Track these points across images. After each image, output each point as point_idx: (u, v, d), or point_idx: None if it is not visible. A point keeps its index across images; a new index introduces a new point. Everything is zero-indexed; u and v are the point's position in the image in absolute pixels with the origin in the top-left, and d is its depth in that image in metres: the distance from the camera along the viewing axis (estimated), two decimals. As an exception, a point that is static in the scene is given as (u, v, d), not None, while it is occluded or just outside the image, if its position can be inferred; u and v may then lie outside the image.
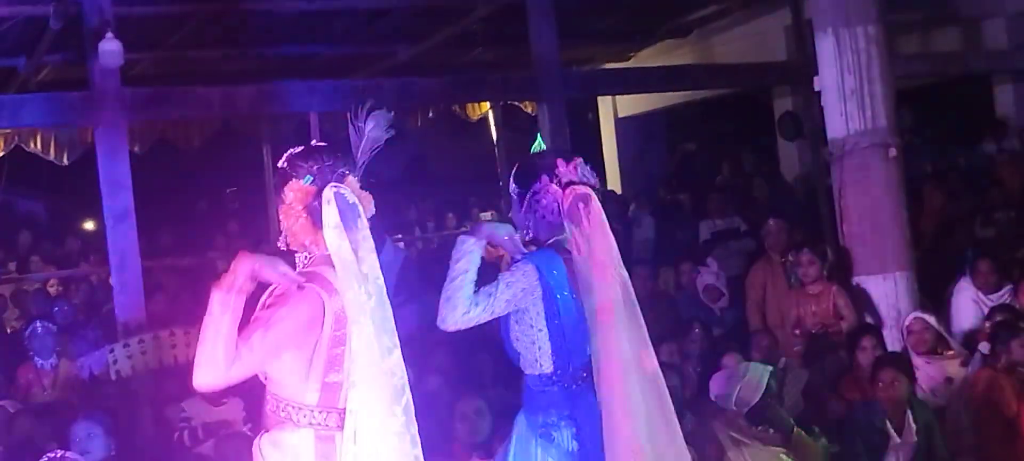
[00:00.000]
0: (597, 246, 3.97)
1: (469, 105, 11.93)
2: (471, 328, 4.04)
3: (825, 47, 7.60)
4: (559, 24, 10.28)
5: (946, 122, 13.08)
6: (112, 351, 7.92)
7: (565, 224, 4.04)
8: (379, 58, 11.49)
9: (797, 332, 7.73)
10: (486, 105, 11.80)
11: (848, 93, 7.49)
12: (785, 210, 9.70)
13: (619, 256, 4.03)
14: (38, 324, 8.21)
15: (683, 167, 15.57)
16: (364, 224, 3.43)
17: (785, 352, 7.47)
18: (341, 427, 3.39)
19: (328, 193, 3.40)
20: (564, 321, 4.01)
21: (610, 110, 14.49)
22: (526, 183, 4.17)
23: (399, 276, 8.18)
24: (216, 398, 6.91)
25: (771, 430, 5.72)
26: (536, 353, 4.06)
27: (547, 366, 4.05)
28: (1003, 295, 7.66)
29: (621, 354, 3.94)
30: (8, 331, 10.20)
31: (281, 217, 3.50)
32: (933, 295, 8.04)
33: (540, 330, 4.03)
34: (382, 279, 3.43)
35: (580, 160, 4.18)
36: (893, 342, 7.22)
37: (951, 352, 7.11)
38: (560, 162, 4.15)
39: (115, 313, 8.66)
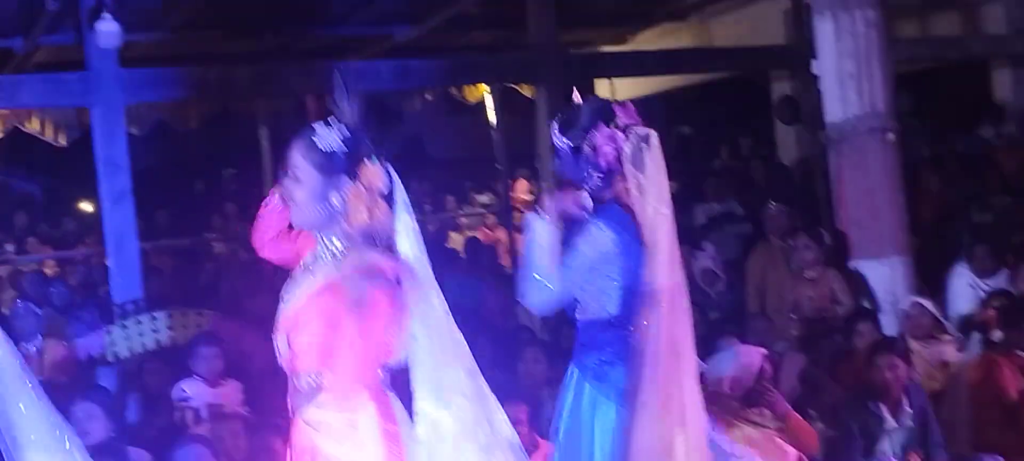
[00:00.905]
0: (654, 187, 3.95)
1: (467, 88, 11.90)
2: (468, 312, 4.04)
3: (823, 31, 7.60)
4: (557, 7, 10.27)
5: (944, 107, 13.07)
6: (110, 333, 7.93)
7: (625, 169, 3.98)
8: (377, 40, 11.46)
9: (794, 316, 7.74)
10: (484, 88, 11.77)
11: (846, 77, 7.49)
12: (782, 194, 9.70)
13: (669, 198, 4.01)
14: (19, 303, 8.15)
15: (680, 151, 15.56)
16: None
17: (782, 336, 7.48)
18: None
19: (387, 172, 3.40)
20: (636, 271, 3.98)
21: (608, 93, 14.46)
22: (581, 134, 4.05)
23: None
24: (214, 379, 6.91)
25: (766, 413, 5.72)
26: (603, 301, 4.02)
27: (613, 309, 4.01)
28: (1000, 280, 7.68)
29: (670, 288, 3.94)
30: (5, 313, 10.19)
31: (348, 205, 3.36)
32: (930, 280, 8.05)
33: (614, 280, 4.00)
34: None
35: (629, 103, 4.16)
36: (890, 327, 7.23)
37: (948, 337, 7.12)
38: (616, 107, 4.11)
39: (112, 294, 8.67)
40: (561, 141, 4.09)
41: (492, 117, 11.91)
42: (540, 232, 3.95)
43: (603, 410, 4.00)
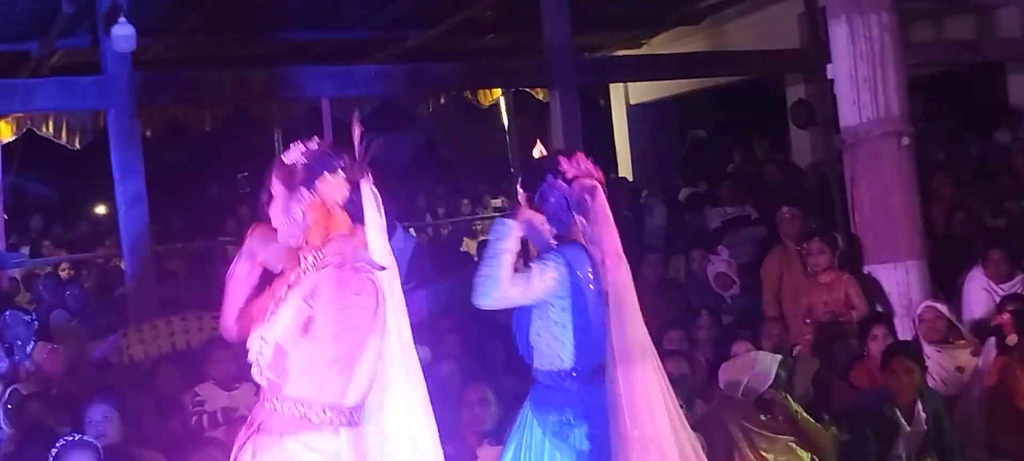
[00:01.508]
0: (604, 235, 4.02)
1: (480, 91, 11.91)
2: (482, 314, 4.06)
3: (838, 35, 7.58)
4: (571, 10, 10.27)
5: (959, 111, 13.03)
6: (125, 336, 7.95)
7: (574, 217, 4.10)
8: (391, 43, 11.49)
9: (808, 320, 7.72)
10: (498, 91, 11.79)
11: (861, 81, 7.47)
12: (796, 198, 9.68)
13: (620, 245, 4.05)
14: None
15: (694, 154, 15.54)
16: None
17: (796, 340, 7.47)
18: (359, 422, 3.40)
19: (366, 186, 3.42)
20: (590, 316, 4.03)
21: (622, 97, 14.46)
22: (533, 185, 4.19)
23: (410, 263, 8.19)
24: (228, 382, 6.92)
25: (780, 419, 5.72)
26: (557, 348, 4.07)
27: (567, 361, 4.06)
28: (1015, 284, 7.65)
29: (636, 336, 3.96)
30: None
31: (306, 213, 3.42)
32: (945, 284, 8.02)
33: (563, 326, 4.05)
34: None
35: (580, 154, 4.22)
36: (904, 331, 7.21)
37: (962, 341, 7.10)
38: (561, 159, 4.19)
39: (126, 297, 8.70)
40: (520, 193, 4.24)
41: (505, 121, 11.92)
42: (508, 238, 4.02)
43: None
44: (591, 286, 4.04)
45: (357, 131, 3.47)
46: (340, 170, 3.42)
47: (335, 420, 3.32)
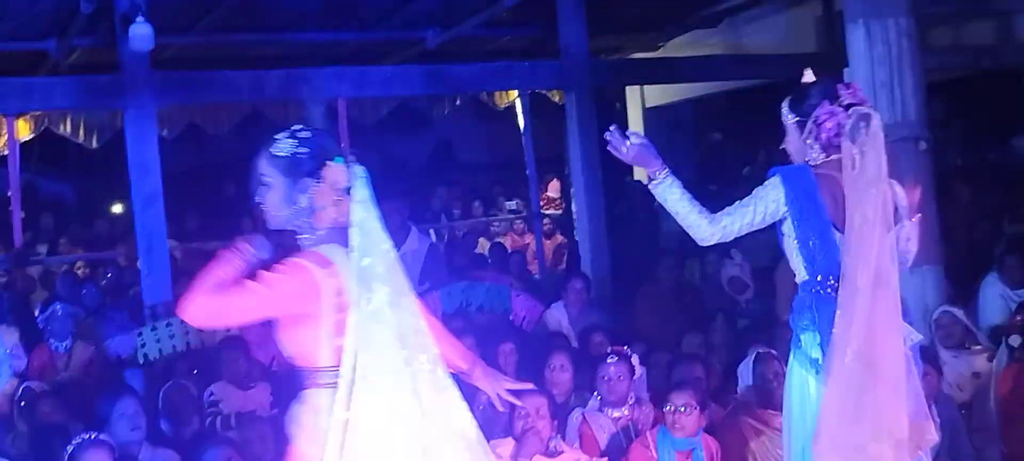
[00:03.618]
0: (870, 161, 4.09)
1: (497, 93, 11.91)
2: (497, 317, 4.08)
3: (856, 39, 7.55)
4: (588, 13, 10.27)
5: (977, 116, 12.99)
6: (140, 334, 7.97)
7: (844, 143, 4.15)
8: (407, 45, 11.49)
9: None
10: (514, 93, 11.78)
11: (879, 86, 7.44)
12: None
13: (886, 172, 4.13)
14: (58, 307, 8.25)
15: (711, 157, 15.52)
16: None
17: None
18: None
19: (359, 169, 3.66)
20: (810, 230, 4.16)
21: (638, 100, 14.44)
22: (807, 110, 4.28)
23: (425, 263, 8.20)
24: (244, 382, 6.94)
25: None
26: (795, 261, 4.25)
27: (804, 273, 4.22)
28: (1031, 291, 7.63)
29: (874, 263, 4.03)
30: (36, 313, 10.25)
31: (314, 199, 3.65)
32: (961, 290, 7.99)
33: (795, 239, 4.20)
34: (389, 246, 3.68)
35: (855, 83, 4.36)
36: (920, 336, 7.18)
37: (979, 347, 7.08)
38: (840, 86, 4.29)
39: (142, 296, 8.73)
40: (789, 115, 4.36)
41: (521, 122, 11.92)
42: (674, 186, 4.30)
43: (797, 376, 4.19)
44: (811, 203, 4.16)
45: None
46: (340, 157, 3.67)
47: (319, 380, 3.63)
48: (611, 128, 4.40)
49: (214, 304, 3.52)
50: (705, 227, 4.27)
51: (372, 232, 3.62)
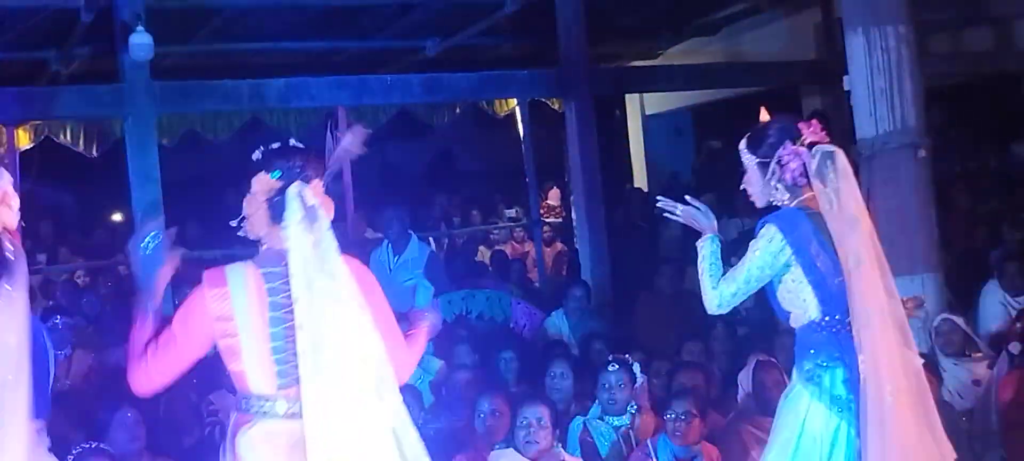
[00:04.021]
0: (845, 198, 4.07)
1: (496, 101, 11.92)
2: (497, 325, 4.07)
3: (855, 46, 7.56)
4: (587, 21, 10.27)
5: (977, 123, 12.98)
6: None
7: (813, 183, 4.12)
8: (407, 53, 11.50)
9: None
10: (513, 101, 11.79)
11: (878, 93, 7.45)
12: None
13: (863, 205, 4.12)
14: (58, 319, 8.21)
15: (710, 165, 15.51)
16: (323, 226, 3.52)
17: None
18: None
19: (293, 190, 3.54)
20: (822, 270, 4.09)
21: (637, 108, 14.46)
22: (768, 150, 4.23)
23: (424, 272, 8.19)
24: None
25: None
26: (803, 305, 4.15)
27: (815, 314, 4.14)
28: (1031, 298, 7.63)
29: (879, 299, 4.01)
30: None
31: (244, 206, 3.70)
32: (961, 297, 7.99)
33: (802, 283, 4.12)
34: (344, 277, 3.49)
35: (815, 120, 4.32)
36: (920, 343, 7.18)
37: (979, 354, 7.08)
38: (801, 124, 4.24)
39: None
40: (749, 156, 4.28)
41: (521, 130, 11.92)
42: (706, 251, 4.24)
43: (813, 413, 4.09)
44: (815, 243, 4.10)
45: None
46: (277, 170, 3.60)
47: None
48: (659, 199, 4.41)
49: (143, 372, 3.54)
50: (709, 296, 4.20)
51: (308, 258, 3.47)
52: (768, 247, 4.12)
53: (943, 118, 11.49)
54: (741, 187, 4.40)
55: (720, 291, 4.15)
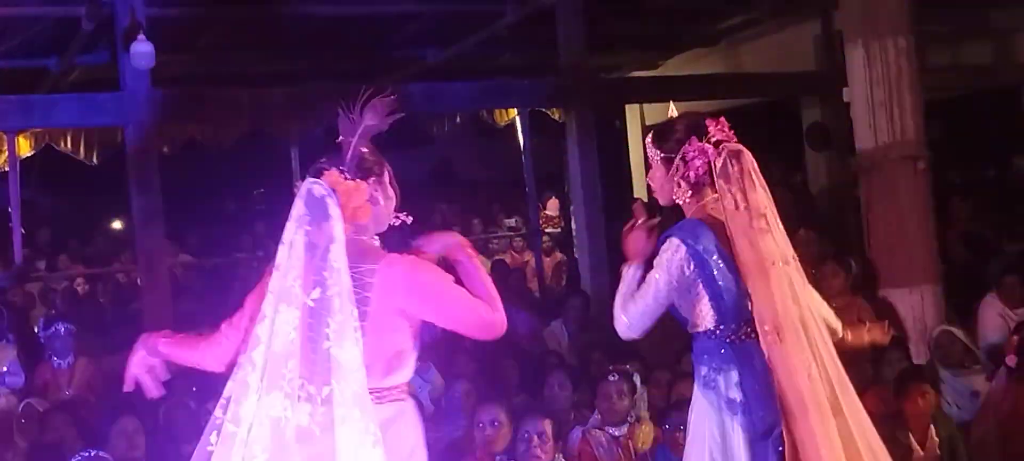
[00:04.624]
0: (752, 199, 3.98)
1: (496, 111, 11.94)
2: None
3: (854, 58, 7.57)
4: (587, 31, 10.29)
5: (976, 135, 13.01)
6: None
7: (716, 183, 4.03)
8: (408, 63, 11.52)
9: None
10: (513, 111, 11.81)
11: (877, 105, 7.46)
12: (809, 221, 9.66)
13: (773, 210, 4.04)
14: (61, 326, 8.23)
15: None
16: (333, 215, 3.47)
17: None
18: None
19: (303, 187, 3.49)
20: (721, 284, 4.02)
21: (637, 118, 14.47)
22: (674, 145, 4.12)
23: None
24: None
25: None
26: (698, 315, 4.09)
27: (710, 323, 4.08)
28: (1030, 310, 7.62)
29: (786, 303, 3.94)
30: (36, 329, 10.24)
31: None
32: (960, 309, 8.00)
33: (698, 295, 4.06)
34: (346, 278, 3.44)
35: (722, 118, 4.22)
36: (919, 355, 7.19)
37: (978, 366, 7.08)
38: (709, 121, 4.16)
39: (142, 312, 8.73)
40: (653, 151, 4.16)
41: (521, 140, 11.93)
42: (627, 275, 4.08)
43: (712, 418, 4.05)
44: (715, 256, 4.01)
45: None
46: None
47: None
48: (636, 199, 4.34)
49: (222, 347, 3.94)
50: (618, 319, 4.08)
51: (294, 256, 3.43)
52: (673, 259, 4.02)
53: (942, 130, 11.52)
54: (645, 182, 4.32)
55: (628, 311, 4.05)
